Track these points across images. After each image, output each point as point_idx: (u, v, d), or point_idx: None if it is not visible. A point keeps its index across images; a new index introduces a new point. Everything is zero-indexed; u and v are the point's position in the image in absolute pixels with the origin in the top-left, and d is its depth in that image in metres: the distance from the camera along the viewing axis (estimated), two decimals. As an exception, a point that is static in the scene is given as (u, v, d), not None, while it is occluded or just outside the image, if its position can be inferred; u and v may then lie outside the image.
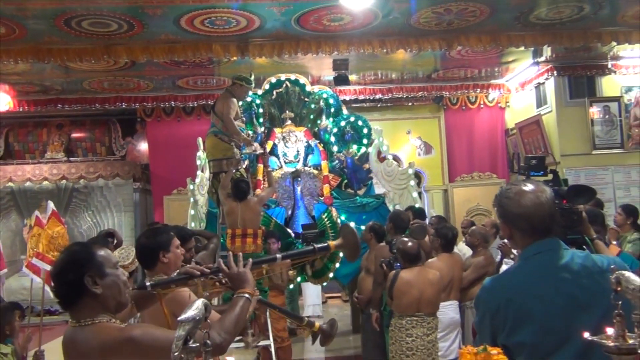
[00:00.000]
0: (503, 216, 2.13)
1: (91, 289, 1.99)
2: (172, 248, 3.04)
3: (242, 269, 2.22)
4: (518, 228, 2.08)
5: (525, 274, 2.05)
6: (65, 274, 2.03)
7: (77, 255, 2.07)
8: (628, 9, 7.43)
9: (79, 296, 2.00)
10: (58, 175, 11.57)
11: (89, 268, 2.00)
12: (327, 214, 7.60)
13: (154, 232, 3.22)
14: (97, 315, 1.99)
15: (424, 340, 4.68)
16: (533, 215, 2.03)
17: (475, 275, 5.69)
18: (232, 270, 2.20)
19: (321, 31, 7.58)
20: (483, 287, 2.20)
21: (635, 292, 1.46)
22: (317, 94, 8.41)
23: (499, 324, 2.01)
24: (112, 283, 2.04)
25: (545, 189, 2.07)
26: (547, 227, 2.05)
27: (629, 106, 10.20)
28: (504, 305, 2.00)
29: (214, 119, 7.59)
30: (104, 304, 2.02)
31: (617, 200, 9.63)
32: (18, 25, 6.93)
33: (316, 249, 2.64)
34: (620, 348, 1.43)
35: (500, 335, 2.00)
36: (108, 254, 2.11)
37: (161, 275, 2.99)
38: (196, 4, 6.56)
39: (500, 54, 9.65)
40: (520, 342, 1.96)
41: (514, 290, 2.03)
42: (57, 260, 2.11)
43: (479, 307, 2.18)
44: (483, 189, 11.67)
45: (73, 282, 2.00)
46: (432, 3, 6.90)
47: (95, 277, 2.00)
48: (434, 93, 11.55)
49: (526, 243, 2.08)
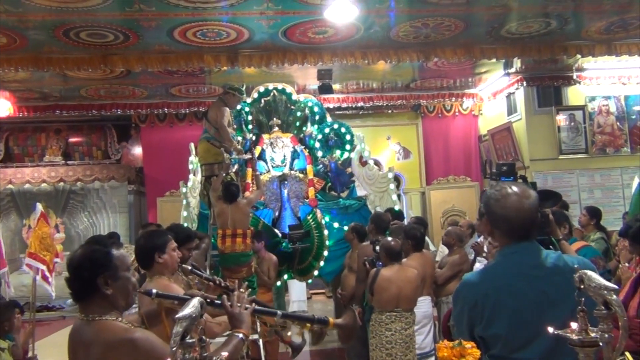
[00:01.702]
0: (487, 214, 2.14)
1: (102, 289, 1.98)
2: (167, 250, 3.02)
3: (243, 310, 2.20)
4: (499, 228, 2.10)
5: (502, 271, 2.08)
6: (80, 270, 2.01)
7: (95, 254, 2.04)
8: (591, 25, 7.54)
9: (90, 293, 2.00)
10: (56, 177, 11.47)
11: (104, 269, 1.99)
12: (312, 215, 7.61)
13: (151, 235, 3.21)
14: (105, 313, 1.99)
15: (402, 334, 4.70)
16: (514, 218, 2.05)
17: (451, 272, 5.73)
18: (233, 309, 2.19)
19: (307, 43, 7.61)
20: (463, 282, 2.23)
21: (596, 290, 1.49)
22: (302, 102, 8.41)
23: (476, 317, 2.04)
24: (122, 286, 2.03)
25: (530, 195, 2.07)
26: (527, 231, 2.07)
27: (592, 114, 10.35)
28: (481, 299, 2.03)
29: (206, 126, 7.57)
30: (112, 303, 2.01)
31: (582, 202, 9.75)
32: (19, 36, 6.88)
33: (315, 319, 2.51)
34: (583, 341, 1.46)
35: (478, 327, 2.03)
36: (124, 256, 2.09)
37: (159, 275, 2.98)
38: (189, 17, 6.55)
39: (474, 66, 9.74)
40: (495, 334, 1.99)
41: (490, 285, 2.05)
42: (75, 254, 2.08)
43: (457, 301, 2.19)
44: (458, 191, 11.77)
45: (87, 280, 1.99)
46: (410, 18, 6.95)
47: (108, 278, 1.99)
48: (412, 101, 11.64)
49: (505, 242, 2.10)
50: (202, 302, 1.45)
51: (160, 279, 2.94)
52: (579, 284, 1.54)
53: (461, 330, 2.12)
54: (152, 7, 6.19)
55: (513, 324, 1.95)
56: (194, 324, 1.38)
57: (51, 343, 7.95)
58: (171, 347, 1.32)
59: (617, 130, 10.38)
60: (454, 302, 2.24)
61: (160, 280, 2.90)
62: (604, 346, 1.46)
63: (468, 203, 11.43)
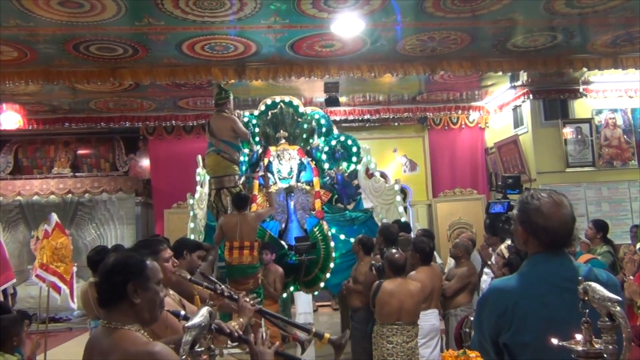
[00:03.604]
0: (525, 222, 2.08)
1: (131, 297, 1.96)
2: (160, 260, 2.89)
3: (267, 350, 2.23)
4: (537, 237, 2.05)
5: (533, 280, 2.04)
6: (113, 274, 1.99)
7: (130, 260, 2.04)
8: (597, 38, 7.56)
9: (118, 300, 1.97)
10: (64, 189, 11.56)
11: (136, 277, 1.98)
12: (319, 227, 7.62)
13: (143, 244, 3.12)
14: (128, 322, 1.96)
15: (404, 347, 4.70)
16: (557, 230, 2.02)
17: (459, 285, 5.73)
18: (257, 347, 2.22)
19: (313, 56, 7.66)
20: (491, 289, 2.19)
21: (600, 302, 1.50)
22: (309, 114, 8.46)
23: (504, 324, 2.00)
24: (151, 298, 2.00)
25: (567, 205, 2.04)
26: (564, 243, 2.05)
27: (599, 127, 10.33)
28: (511, 307, 1.99)
29: (211, 140, 7.63)
30: (138, 314, 1.99)
31: (589, 215, 9.69)
32: (30, 49, 6.97)
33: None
34: (588, 352, 1.47)
35: (505, 334, 2.00)
36: (157, 269, 2.07)
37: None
38: (197, 31, 6.62)
39: (480, 79, 9.77)
40: (523, 343, 1.96)
41: (521, 294, 2.01)
42: (110, 259, 2.06)
43: (485, 307, 2.13)
44: (464, 204, 11.74)
45: (117, 285, 1.97)
46: (417, 31, 7.00)
47: (139, 287, 1.97)
48: (419, 114, 11.66)
49: (538, 250, 2.07)
50: (211, 312, 1.47)
51: None
52: (583, 296, 1.55)
53: (482, 336, 2.09)
54: (161, 21, 6.27)
55: (542, 334, 1.90)
56: (203, 332, 1.40)
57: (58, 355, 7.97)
58: (180, 356, 1.34)
59: (624, 143, 10.35)
60: (479, 307, 2.18)
61: None
62: (608, 358, 1.47)
63: (474, 216, 11.40)
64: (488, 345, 2.05)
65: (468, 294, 5.76)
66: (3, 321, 4.11)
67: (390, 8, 6.20)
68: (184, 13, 6.05)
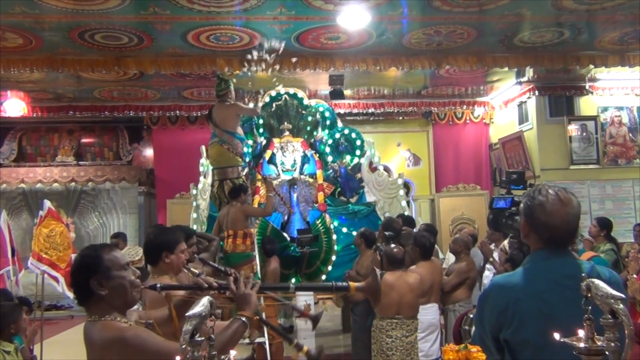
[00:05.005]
0: (528, 216, 2.06)
1: (97, 291, 2.03)
2: (176, 251, 3.02)
3: (249, 290, 2.19)
4: (538, 233, 2.04)
5: (534, 277, 2.02)
6: (75, 275, 2.10)
7: (85, 260, 2.12)
8: (605, 35, 7.52)
9: (88, 296, 2.06)
10: (67, 178, 11.57)
11: (95, 272, 2.04)
12: (321, 220, 7.63)
13: (163, 232, 3.20)
14: (106, 313, 2.04)
15: (403, 341, 4.69)
16: (558, 228, 2.00)
17: (457, 280, 5.72)
18: (239, 290, 2.18)
19: (319, 48, 7.64)
20: (492, 285, 2.18)
21: (603, 299, 1.49)
22: (313, 107, 8.45)
23: (504, 321, 2.00)
24: (118, 285, 2.06)
25: (574, 205, 2.01)
26: (566, 242, 2.04)
27: (604, 125, 10.29)
28: (512, 304, 1.98)
29: (214, 130, 7.62)
30: (110, 303, 2.06)
31: (592, 213, 9.68)
32: (35, 37, 6.96)
33: (334, 287, 2.37)
34: (589, 349, 1.46)
35: (505, 331, 1.99)
36: (116, 256, 2.12)
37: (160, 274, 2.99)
38: (202, 21, 6.60)
39: (486, 74, 9.72)
40: (524, 340, 1.95)
41: (522, 290, 2.00)
42: (73, 261, 2.17)
43: (486, 303, 2.12)
44: (468, 199, 11.74)
45: (81, 284, 2.06)
46: (423, 25, 6.97)
47: (102, 280, 2.04)
48: (423, 108, 11.62)
49: (539, 247, 2.06)
50: (212, 301, 1.47)
51: (161, 277, 2.94)
52: (585, 293, 1.54)
53: (483, 332, 2.08)
54: (166, 10, 6.25)
55: (543, 331, 1.88)
56: (203, 322, 1.40)
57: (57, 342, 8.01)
58: (180, 345, 1.34)
59: (629, 141, 10.32)
60: (481, 303, 2.17)
61: (161, 279, 2.90)
62: (610, 355, 1.46)
63: (477, 211, 11.39)
64: (489, 341, 2.05)
65: (467, 290, 5.76)
66: (1, 309, 4.10)
67: (396, 1, 6.18)
68: (190, 2, 6.03)
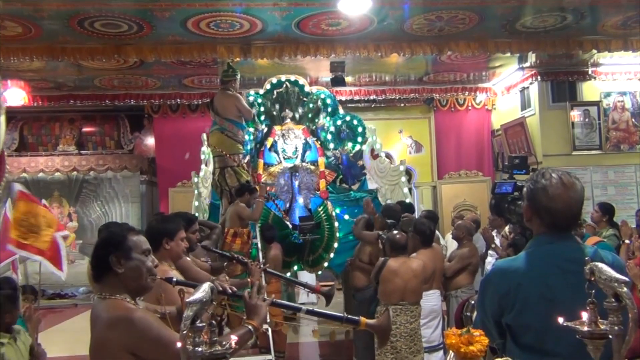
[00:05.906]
0: (530, 200, 2.06)
1: (114, 267, 2.07)
2: (176, 238, 3.05)
3: (260, 302, 2.22)
4: (540, 217, 2.03)
5: (536, 261, 2.02)
6: (98, 249, 2.15)
7: (110, 235, 2.18)
8: (608, 20, 7.46)
9: (105, 272, 2.10)
10: (69, 167, 11.61)
11: (117, 249, 2.09)
12: (323, 207, 7.62)
13: (164, 219, 3.22)
14: (116, 292, 2.08)
15: (407, 327, 4.70)
16: (559, 213, 1.99)
17: (459, 265, 5.73)
18: (251, 299, 2.21)
19: (320, 35, 7.59)
20: (494, 269, 2.18)
21: (607, 282, 1.49)
22: (315, 94, 8.41)
23: (506, 305, 1.99)
24: (135, 267, 2.10)
25: (577, 189, 1.99)
26: (568, 226, 2.03)
27: (607, 110, 10.25)
28: (514, 288, 1.98)
29: (215, 118, 7.58)
30: (124, 284, 2.09)
31: (594, 199, 9.66)
32: (34, 25, 6.93)
33: (344, 318, 2.42)
34: (593, 333, 1.46)
35: (507, 315, 1.99)
36: (140, 240, 2.17)
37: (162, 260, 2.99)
38: (202, 8, 6.56)
39: (488, 59, 9.68)
40: (526, 324, 1.96)
41: (524, 275, 1.99)
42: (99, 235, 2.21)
43: (488, 287, 2.12)
44: (470, 186, 11.73)
45: (101, 258, 2.11)
46: (425, 10, 6.92)
47: (121, 258, 2.08)
48: (425, 95, 11.60)
49: (541, 231, 2.05)
50: (212, 287, 1.47)
51: (160, 264, 2.94)
52: (589, 276, 1.53)
53: (485, 316, 2.08)
54: (166, -3, 6.22)
55: (545, 316, 1.88)
56: (204, 308, 1.39)
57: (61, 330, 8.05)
58: (181, 331, 1.34)
59: (632, 126, 10.28)
60: (482, 287, 2.17)
61: (160, 266, 2.90)
62: (613, 339, 1.45)
63: (479, 198, 11.38)
64: (491, 325, 2.04)
65: (469, 275, 5.76)
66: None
67: (398, -14, 6.14)
68: (189, -11, 6.00)
